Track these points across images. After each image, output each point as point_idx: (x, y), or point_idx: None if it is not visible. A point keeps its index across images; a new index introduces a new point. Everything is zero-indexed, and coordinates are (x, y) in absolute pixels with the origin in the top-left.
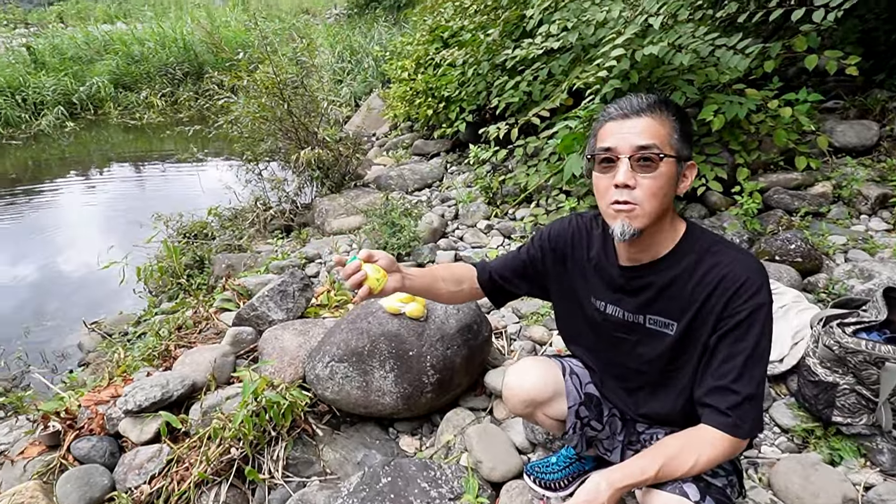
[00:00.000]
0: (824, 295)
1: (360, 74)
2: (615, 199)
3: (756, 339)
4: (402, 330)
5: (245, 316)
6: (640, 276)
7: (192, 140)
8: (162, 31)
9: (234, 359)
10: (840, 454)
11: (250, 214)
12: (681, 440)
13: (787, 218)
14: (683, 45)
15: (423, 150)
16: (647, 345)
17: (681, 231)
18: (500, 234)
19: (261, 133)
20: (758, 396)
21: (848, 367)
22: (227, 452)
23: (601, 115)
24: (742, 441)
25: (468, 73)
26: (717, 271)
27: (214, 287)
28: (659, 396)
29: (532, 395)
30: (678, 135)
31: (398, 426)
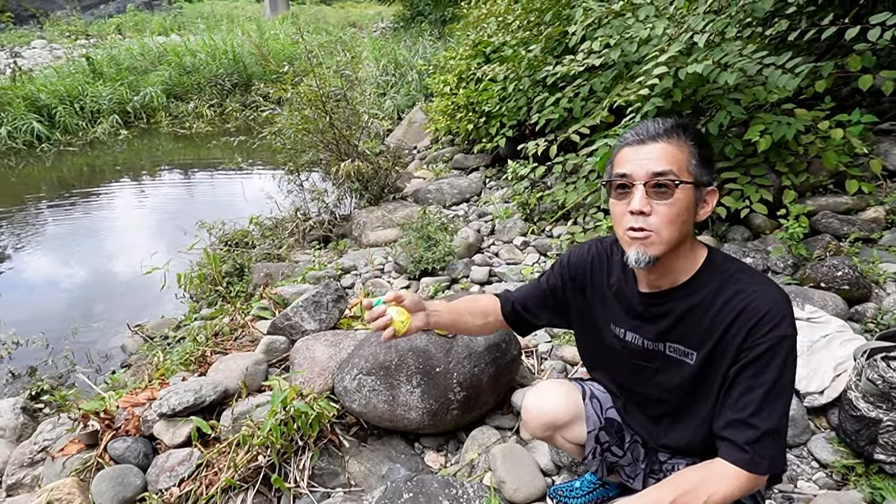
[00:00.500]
0: (872, 325)
1: (403, 87)
2: (630, 226)
3: (777, 372)
4: (430, 346)
5: (279, 325)
6: (659, 304)
7: (237, 150)
8: (213, 43)
9: (267, 367)
10: (882, 493)
11: (290, 224)
12: (697, 474)
13: (835, 243)
14: (729, 63)
15: (462, 165)
16: (667, 373)
17: (702, 257)
18: (536, 251)
19: (303, 144)
20: (778, 432)
21: (892, 402)
22: (254, 459)
23: (619, 140)
24: (760, 478)
25: (509, 89)
26: (739, 301)
27: (252, 295)
28: (679, 426)
29: (551, 419)
30: (696, 160)
31: (424, 441)
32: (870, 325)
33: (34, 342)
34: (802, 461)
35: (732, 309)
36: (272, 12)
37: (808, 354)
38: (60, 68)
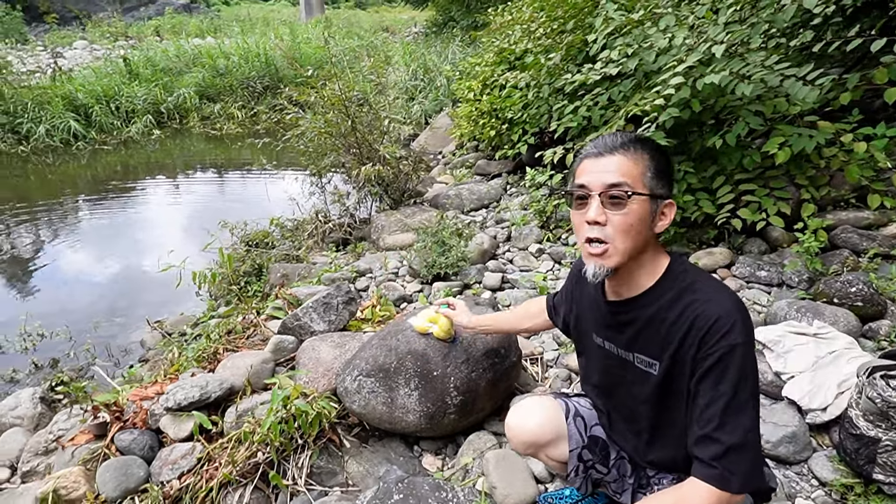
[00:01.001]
0: (885, 343)
1: (432, 93)
2: (588, 237)
3: (735, 382)
4: (429, 350)
5: (289, 325)
6: (624, 312)
7: (263, 151)
8: (247, 46)
9: (274, 366)
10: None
11: (310, 226)
12: (670, 496)
13: (853, 259)
14: (749, 74)
15: (485, 171)
16: (639, 384)
17: (663, 267)
18: (551, 259)
19: (325, 147)
20: (745, 446)
21: (891, 421)
22: (253, 456)
23: (580, 152)
24: (733, 496)
25: (530, 96)
26: (692, 310)
27: (269, 295)
28: (660, 441)
29: (532, 439)
30: (652, 173)
31: (423, 444)
32: (883, 343)
33: (58, 335)
34: (802, 478)
35: (686, 319)
36: (307, 16)
37: (813, 370)
38: (99, 69)
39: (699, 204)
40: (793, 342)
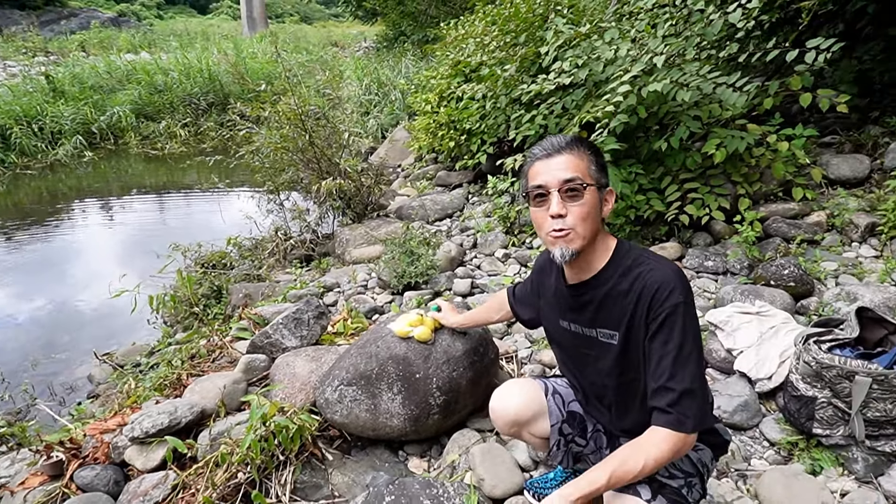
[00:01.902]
0: (815, 317)
1: (387, 107)
2: (552, 229)
3: (681, 336)
4: (410, 353)
5: (259, 343)
6: (583, 293)
7: (214, 170)
8: (187, 61)
9: (246, 386)
10: (820, 464)
11: (270, 244)
12: (631, 446)
13: (784, 245)
14: (686, 82)
15: (445, 181)
16: (603, 358)
17: (611, 248)
18: (517, 263)
19: (282, 163)
20: (694, 391)
21: (825, 381)
22: (234, 477)
23: (528, 156)
24: (688, 436)
25: (488, 107)
26: (640, 281)
27: (231, 316)
28: (629, 410)
29: (515, 416)
30: (595, 166)
31: (408, 449)
32: (813, 317)
33: None
34: (755, 441)
35: (636, 289)
36: (250, 30)
37: (758, 345)
38: (16, 86)
39: (650, 203)
40: (739, 321)
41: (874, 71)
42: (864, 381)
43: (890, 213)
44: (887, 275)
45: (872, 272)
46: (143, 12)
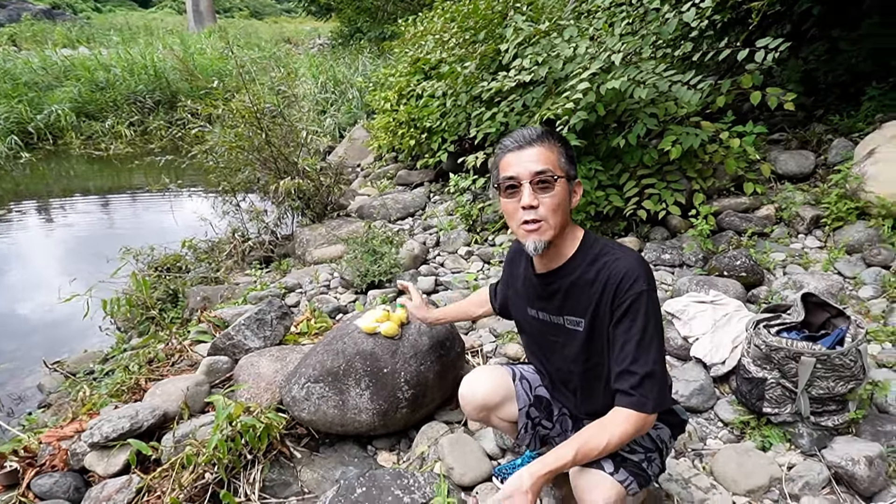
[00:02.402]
0: (764, 304)
1: (343, 105)
2: (524, 220)
3: (643, 322)
4: (377, 348)
5: (220, 345)
6: (552, 282)
7: (164, 171)
8: (130, 57)
9: (209, 387)
10: (770, 441)
11: (227, 246)
12: (595, 426)
13: (736, 238)
14: (643, 80)
15: (406, 181)
16: (569, 345)
17: (579, 239)
18: (480, 260)
19: (237, 163)
20: (654, 374)
21: (774, 363)
22: (201, 478)
23: (499, 147)
24: (649, 416)
25: (448, 105)
26: (606, 270)
27: (189, 320)
28: (593, 394)
29: (484, 401)
30: (564, 158)
31: (376, 443)
32: (763, 305)
33: None
34: (710, 422)
35: (602, 278)
36: (197, 25)
37: (713, 332)
38: None
39: (609, 198)
40: (695, 310)
41: (819, 71)
42: (808, 362)
43: (833, 206)
44: (830, 264)
45: (817, 262)
46: (78, 4)
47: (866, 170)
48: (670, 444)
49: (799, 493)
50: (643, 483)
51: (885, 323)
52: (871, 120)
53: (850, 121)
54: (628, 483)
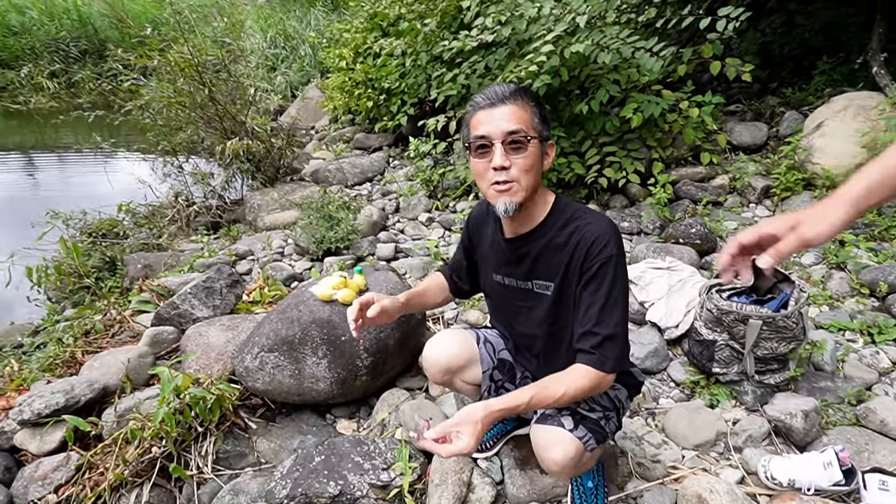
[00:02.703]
0: (717, 270)
1: (295, 63)
2: (495, 181)
3: (609, 286)
4: (334, 316)
5: (165, 315)
6: (521, 246)
7: (95, 128)
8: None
9: (154, 359)
10: (717, 398)
11: (170, 211)
12: (554, 376)
13: (692, 206)
14: (607, 45)
15: (364, 144)
16: (537, 309)
17: (550, 203)
18: (441, 227)
19: (178, 121)
20: (616, 336)
21: (723, 325)
22: (147, 452)
23: (470, 105)
24: (607, 375)
25: (408, 65)
26: (577, 234)
27: (129, 289)
28: (556, 357)
29: (448, 364)
30: (538, 118)
31: (335, 411)
32: (715, 271)
33: None
34: (663, 383)
35: (573, 242)
36: None
37: (668, 297)
38: None
39: (571, 166)
40: (651, 276)
41: (774, 44)
42: (755, 324)
43: (782, 176)
44: None
45: None
46: None
47: (814, 142)
48: (627, 405)
49: (742, 446)
50: (600, 440)
51: (823, 287)
52: (820, 94)
53: (802, 94)
54: (587, 439)
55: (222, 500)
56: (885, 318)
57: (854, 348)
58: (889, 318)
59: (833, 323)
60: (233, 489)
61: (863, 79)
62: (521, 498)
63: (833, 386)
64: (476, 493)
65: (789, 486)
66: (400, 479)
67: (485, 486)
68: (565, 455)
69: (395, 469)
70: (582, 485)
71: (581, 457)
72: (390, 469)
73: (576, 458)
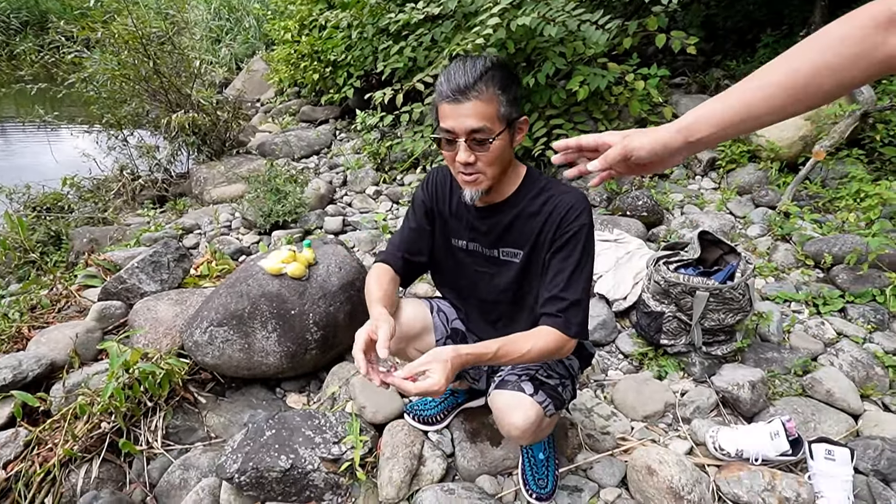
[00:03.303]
0: (664, 243)
1: (240, 35)
2: (461, 171)
3: (579, 255)
4: (284, 290)
5: (112, 290)
6: (491, 216)
7: (37, 101)
8: None
9: (102, 334)
10: (665, 370)
11: (115, 184)
12: (521, 334)
13: (639, 179)
14: (553, 18)
15: (311, 117)
16: (502, 275)
17: (521, 175)
18: (389, 200)
19: (123, 94)
20: (581, 303)
21: (671, 297)
22: (97, 427)
23: (438, 85)
24: (570, 339)
25: (354, 37)
26: (550, 203)
27: (75, 264)
28: (515, 323)
29: (403, 332)
30: (504, 106)
31: (285, 385)
32: (662, 243)
33: None
34: (612, 355)
35: (546, 210)
36: None
37: (615, 269)
38: None
39: None
40: (600, 248)
41: (718, 16)
42: (702, 296)
43: (727, 149)
44: (723, 204)
45: (711, 202)
46: None
47: None
48: (579, 374)
49: (690, 417)
50: (558, 406)
51: (769, 259)
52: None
53: (746, 67)
54: (546, 404)
55: (172, 474)
56: (829, 290)
57: (800, 319)
58: (834, 289)
59: (779, 294)
60: (183, 464)
61: None
62: (472, 470)
63: (779, 357)
64: (427, 466)
65: (737, 457)
66: (351, 453)
67: (436, 459)
68: (526, 419)
69: (346, 443)
70: (533, 456)
71: (541, 422)
72: (341, 443)
73: (536, 422)
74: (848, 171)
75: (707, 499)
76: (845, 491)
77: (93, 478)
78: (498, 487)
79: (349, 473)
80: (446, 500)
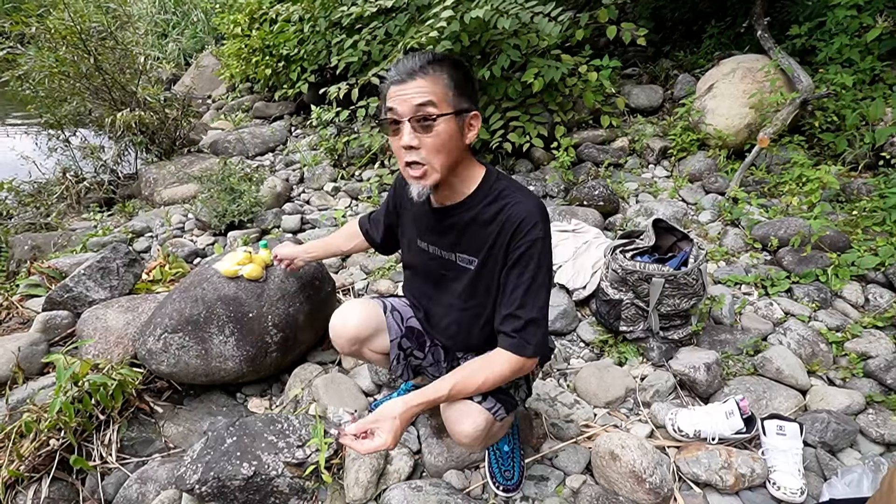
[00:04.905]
0: (620, 231)
1: (188, 29)
2: (406, 161)
3: (534, 270)
4: (240, 292)
5: (58, 299)
6: (447, 218)
7: None
8: None
9: (47, 346)
10: (625, 356)
11: (58, 188)
12: (475, 363)
13: (595, 169)
14: (507, 10)
15: (264, 113)
16: (458, 280)
17: (479, 176)
18: (348, 196)
19: (62, 92)
20: (538, 321)
21: (628, 284)
22: (44, 445)
23: (385, 76)
24: (528, 360)
25: (306, 31)
26: (504, 213)
27: (16, 273)
28: (469, 333)
29: (355, 333)
30: (454, 91)
31: (246, 390)
32: (619, 232)
33: None
34: (573, 343)
35: (500, 220)
36: None
37: (574, 258)
38: None
39: None
40: (558, 239)
41: (666, 8)
42: (658, 282)
43: (678, 138)
44: (676, 191)
45: (665, 190)
46: None
47: (706, 104)
48: (537, 372)
49: (650, 401)
50: (510, 408)
51: (720, 244)
52: (710, 57)
53: (694, 57)
54: (496, 409)
55: (129, 489)
56: (777, 271)
57: (750, 301)
58: (781, 270)
59: (730, 277)
60: (140, 477)
61: (748, 42)
62: (439, 466)
63: (732, 338)
64: (394, 465)
65: (695, 437)
66: (316, 456)
67: (402, 457)
68: (475, 427)
69: (311, 445)
70: (498, 449)
71: (490, 427)
72: (305, 446)
73: (485, 429)
74: (790, 156)
75: (668, 480)
76: (796, 464)
77: (42, 498)
78: (466, 481)
79: (315, 477)
80: (414, 498)
